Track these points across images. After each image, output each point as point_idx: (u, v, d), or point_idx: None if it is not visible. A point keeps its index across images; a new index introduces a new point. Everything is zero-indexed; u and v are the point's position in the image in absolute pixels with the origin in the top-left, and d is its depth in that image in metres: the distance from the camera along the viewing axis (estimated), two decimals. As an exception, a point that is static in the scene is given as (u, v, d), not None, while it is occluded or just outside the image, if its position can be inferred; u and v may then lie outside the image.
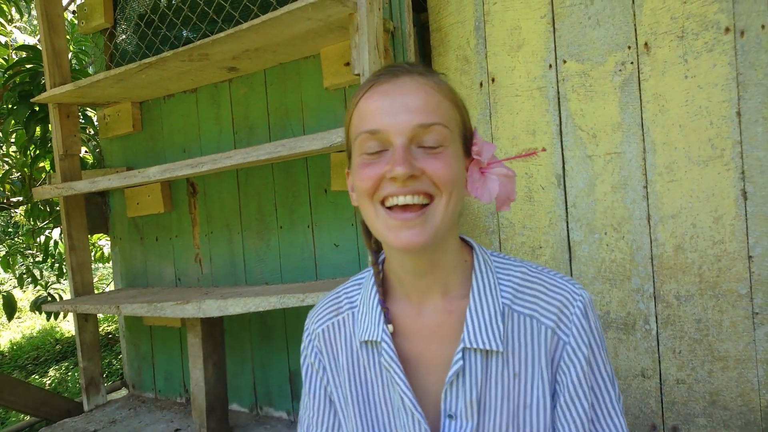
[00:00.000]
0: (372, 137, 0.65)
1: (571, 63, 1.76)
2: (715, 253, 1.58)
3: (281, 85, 2.28)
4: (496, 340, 0.68)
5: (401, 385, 0.69)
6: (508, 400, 0.67)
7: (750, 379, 1.55)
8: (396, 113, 0.64)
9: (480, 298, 0.70)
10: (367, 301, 0.75)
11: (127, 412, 2.64)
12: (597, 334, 0.69)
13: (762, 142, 1.52)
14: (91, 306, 2.32)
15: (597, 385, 0.68)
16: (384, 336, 0.71)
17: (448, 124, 0.66)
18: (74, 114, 2.58)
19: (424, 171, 0.64)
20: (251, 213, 2.42)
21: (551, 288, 0.70)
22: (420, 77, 0.68)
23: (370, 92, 0.67)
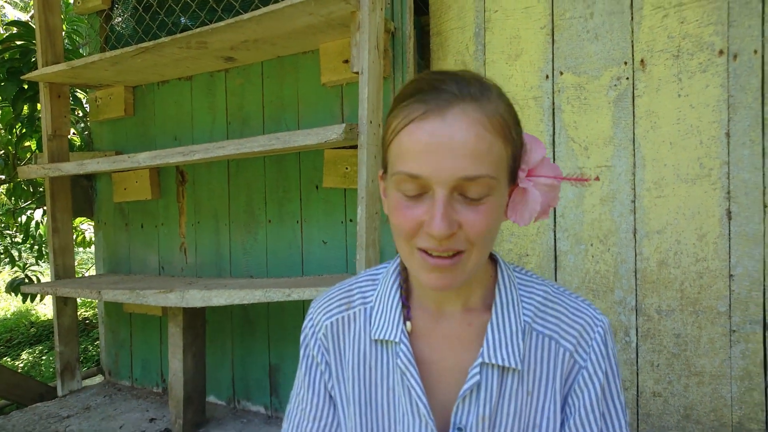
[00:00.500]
0: (412, 181, 0.60)
1: (567, 75, 1.79)
2: (698, 270, 1.61)
3: (278, 78, 2.28)
4: (516, 357, 0.67)
5: (417, 389, 0.68)
6: (519, 418, 0.67)
7: (724, 395, 1.59)
8: (441, 159, 0.57)
9: (502, 313, 0.69)
10: (385, 300, 0.73)
11: (102, 399, 2.61)
12: (614, 361, 0.69)
13: (748, 164, 1.56)
14: (72, 290, 2.29)
15: (609, 413, 0.68)
16: (402, 337, 0.70)
17: (496, 172, 0.60)
18: (65, 94, 2.55)
19: (462, 225, 0.60)
20: (240, 205, 2.41)
21: (573, 311, 0.70)
22: (473, 109, 0.59)
23: (415, 126, 0.59)
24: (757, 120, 1.55)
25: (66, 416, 2.40)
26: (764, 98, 1.54)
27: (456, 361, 0.70)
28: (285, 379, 2.32)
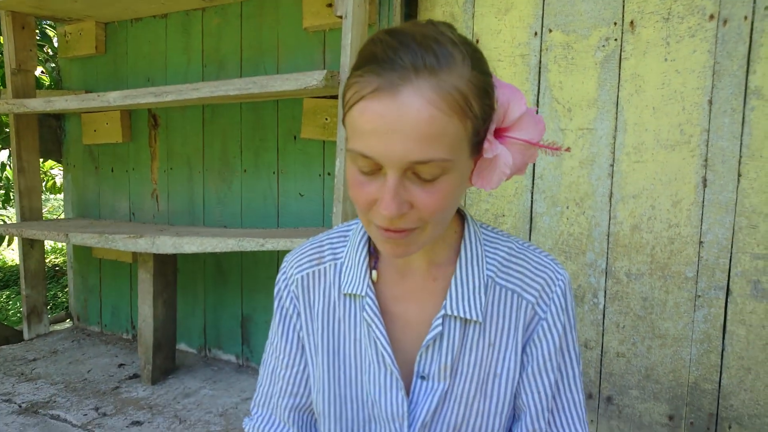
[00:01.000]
0: (364, 158, 0.58)
1: (556, 33, 1.75)
2: (669, 235, 1.64)
3: (257, 19, 2.19)
4: (477, 310, 0.69)
5: (381, 339, 0.70)
6: (480, 367, 0.70)
7: (683, 357, 1.64)
8: (392, 143, 0.55)
9: (466, 268, 0.70)
10: (354, 256, 0.75)
11: (69, 343, 2.59)
12: (571, 314, 0.72)
13: (727, 133, 1.56)
14: (38, 232, 2.23)
15: (564, 362, 0.71)
16: (368, 291, 0.72)
17: (450, 153, 0.57)
18: (30, 26, 2.41)
19: (414, 205, 0.59)
20: (214, 153, 2.35)
21: (536, 265, 0.71)
22: (428, 87, 0.55)
23: (368, 102, 0.56)
24: (740, 88, 1.54)
25: (32, 359, 2.39)
26: (749, 66, 1.53)
27: (420, 313, 0.72)
28: (257, 329, 2.33)
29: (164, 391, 2.11)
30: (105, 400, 2.03)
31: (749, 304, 1.56)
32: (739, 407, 1.59)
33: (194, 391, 2.12)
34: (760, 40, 1.51)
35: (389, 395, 0.70)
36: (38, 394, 2.06)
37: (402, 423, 0.69)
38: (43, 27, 3.39)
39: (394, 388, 0.69)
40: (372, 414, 0.71)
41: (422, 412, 0.69)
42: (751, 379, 1.57)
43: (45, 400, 2.02)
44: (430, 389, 0.69)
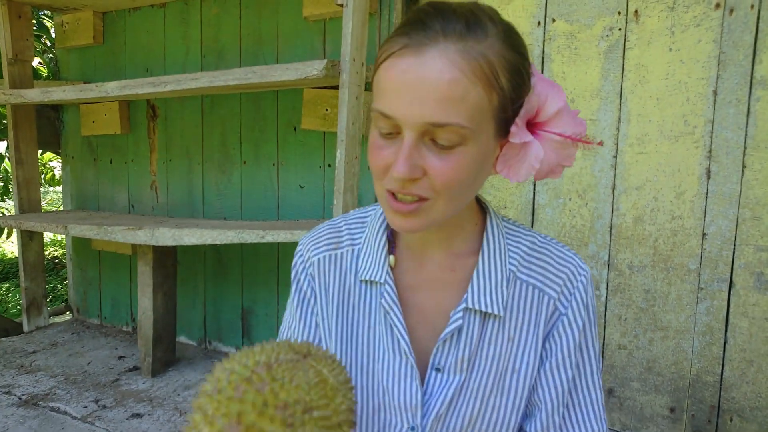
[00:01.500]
0: (384, 119, 0.58)
1: (560, 22, 1.73)
2: (672, 227, 1.62)
3: (257, 9, 2.16)
4: (499, 304, 0.67)
5: (399, 327, 0.68)
6: (498, 362, 0.68)
7: (685, 349, 1.64)
8: (412, 101, 0.55)
9: (489, 261, 0.69)
10: (373, 242, 0.73)
11: (69, 335, 2.59)
12: (592, 310, 0.71)
13: (731, 124, 1.55)
14: (37, 224, 2.22)
15: (582, 359, 0.70)
16: (388, 278, 0.70)
17: (469, 121, 0.56)
18: (26, 15, 2.39)
19: (427, 172, 0.58)
20: (214, 144, 2.34)
21: (558, 260, 0.70)
22: (454, 50, 0.55)
23: (393, 60, 0.57)
24: (746, 78, 1.53)
25: (32, 351, 2.38)
26: (755, 56, 1.51)
27: (437, 303, 0.70)
28: (258, 322, 2.32)
29: (164, 384, 2.10)
30: (105, 392, 2.02)
31: (752, 297, 1.55)
32: (740, 399, 1.58)
33: (194, 383, 2.12)
34: (767, 29, 1.50)
35: (403, 384, 0.68)
36: (38, 386, 2.06)
37: (415, 413, 0.68)
38: (41, 17, 3.36)
39: (409, 377, 0.68)
40: (383, 402, 0.70)
41: (437, 403, 0.67)
42: (753, 371, 1.56)
43: (45, 392, 2.01)
44: (445, 382, 0.68)
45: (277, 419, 0.43)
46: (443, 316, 0.69)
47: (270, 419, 0.43)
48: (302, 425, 0.44)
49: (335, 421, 0.47)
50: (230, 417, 0.43)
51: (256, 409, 0.43)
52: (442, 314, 0.70)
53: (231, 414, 0.43)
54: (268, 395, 0.44)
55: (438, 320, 0.70)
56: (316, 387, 0.47)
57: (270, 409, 0.44)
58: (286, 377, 0.46)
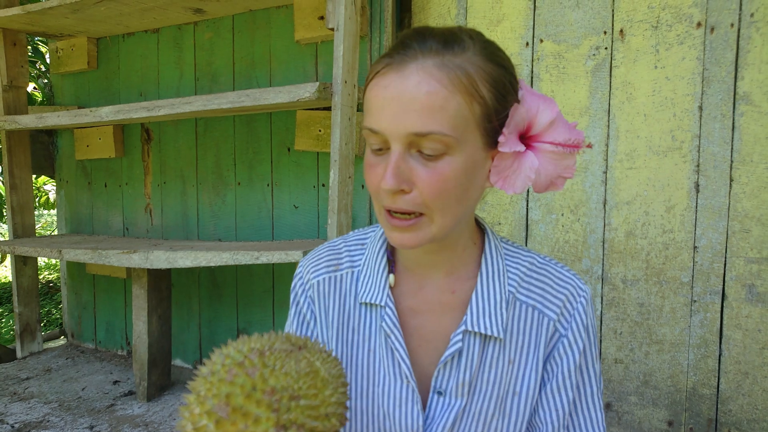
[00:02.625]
0: (373, 135, 0.60)
1: (547, 43, 1.75)
2: (664, 241, 1.63)
3: (249, 33, 2.18)
4: (498, 326, 0.67)
5: (400, 351, 0.67)
6: (499, 385, 0.67)
7: (681, 362, 1.63)
8: (394, 115, 0.57)
9: (487, 283, 0.68)
10: (373, 265, 0.73)
11: (63, 361, 2.54)
12: (592, 331, 0.70)
13: (718, 138, 1.56)
14: (31, 248, 2.20)
15: (582, 380, 0.69)
16: (388, 301, 0.69)
17: (452, 130, 0.57)
18: (21, 42, 2.39)
19: (415, 184, 0.58)
20: (208, 166, 2.33)
21: (558, 281, 0.70)
22: (433, 65, 0.57)
23: (378, 79, 0.60)
24: (729, 94, 1.55)
25: (25, 378, 2.34)
26: (737, 72, 1.54)
27: (438, 326, 0.70)
28: (253, 343, 2.29)
29: (160, 408, 2.06)
30: (100, 418, 1.98)
31: (745, 309, 1.55)
32: (737, 412, 1.57)
33: (190, 406, 2.08)
34: (747, 46, 1.52)
35: (405, 408, 0.67)
36: (31, 413, 2.02)
37: None
38: (36, 43, 3.37)
39: (411, 402, 0.67)
40: (384, 427, 0.68)
41: (438, 428, 0.66)
42: (749, 383, 1.56)
43: (38, 419, 1.97)
44: (447, 405, 0.67)
45: (264, 403, 0.44)
46: (444, 339, 0.69)
47: (257, 402, 0.44)
48: (287, 411, 0.45)
49: (323, 411, 0.48)
50: (219, 398, 0.45)
51: (245, 392, 0.45)
52: (442, 337, 0.69)
53: (220, 395, 0.45)
54: (257, 380, 0.46)
55: (438, 343, 0.69)
56: (306, 377, 0.48)
57: (258, 393, 0.45)
58: (277, 365, 0.48)
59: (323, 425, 0.48)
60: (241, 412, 0.44)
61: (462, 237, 0.69)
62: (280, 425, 0.44)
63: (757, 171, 1.52)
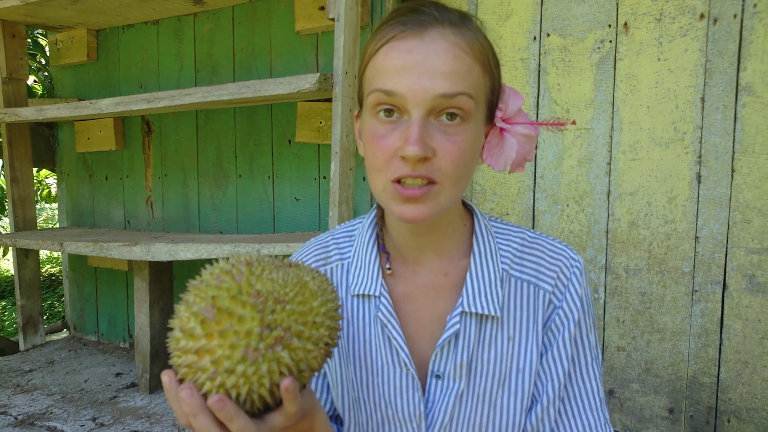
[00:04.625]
0: (387, 98, 0.56)
1: (554, 37, 1.70)
2: (666, 231, 1.59)
3: (250, 24, 2.11)
4: (495, 305, 0.65)
5: (398, 339, 0.65)
6: (500, 363, 0.65)
7: (682, 351, 1.59)
8: (418, 77, 0.54)
9: (480, 262, 0.66)
10: (363, 255, 0.70)
11: (66, 353, 2.48)
12: (587, 300, 0.68)
13: (719, 129, 1.52)
14: (33, 241, 2.13)
15: (577, 351, 0.67)
16: (383, 290, 0.67)
17: (475, 93, 0.56)
18: (21, 34, 2.31)
19: (436, 152, 0.56)
20: (209, 158, 2.27)
21: (551, 253, 0.68)
22: (452, 33, 0.56)
23: (392, 45, 0.56)
24: (731, 85, 1.50)
25: (28, 370, 2.28)
26: (740, 63, 1.49)
27: (432, 310, 0.67)
28: (255, 334, 2.24)
29: (162, 400, 2.01)
30: (102, 410, 1.93)
31: (745, 299, 1.52)
32: (737, 401, 1.54)
33: (193, 397, 2.03)
34: (750, 37, 1.48)
35: (405, 396, 0.65)
36: (34, 405, 1.96)
37: (420, 423, 0.64)
38: (35, 36, 3.28)
39: (411, 389, 0.65)
40: (386, 416, 0.66)
41: (440, 413, 0.64)
42: (748, 372, 1.52)
43: (41, 411, 1.91)
44: (446, 389, 0.65)
45: (249, 304, 0.44)
46: (440, 323, 0.66)
47: (242, 304, 0.44)
48: (272, 313, 0.45)
49: (310, 318, 0.47)
50: (206, 300, 0.45)
51: (230, 294, 0.45)
52: (438, 321, 0.67)
53: (207, 298, 0.45)
54: (243, 284, 0.46)
55: (435, 327, 0.67)
56: (294, 286, 0.48)
57: (243, 295, 0.45)
58: (264, 273, 0.48)
59: (311, 332, 0.47)
60: (227, 312, 0.44)
61: (452, 217, 0.67)
62: (265, 324, 0.44)
63: (759, 162, 1.48)
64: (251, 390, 0.44)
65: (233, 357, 0.43)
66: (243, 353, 0.43)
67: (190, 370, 0.45)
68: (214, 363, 0.43)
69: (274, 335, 0.44)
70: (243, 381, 0.43)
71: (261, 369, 0.44)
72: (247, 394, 0.44)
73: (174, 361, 0.46)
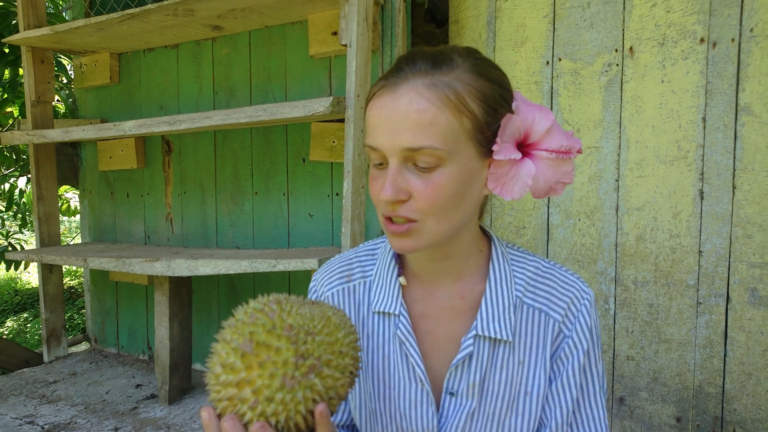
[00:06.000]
0: (373, 152, 0.61)
1: (565, 61, 1.72)
2: (671, 245, 1.59)
3: (266, 48, 2.13)
4: (507, 330, 0.66)
5: (415, 357, 0.67)
6: (510, 385, 0.67)
7: (688, 361, 1.59)
8: (389, 132, 0.58)
9: (496, 288, 0.68)
10: (384, 275, 0.73)
11: (88, 365, 2.47)
12: (596, 331, 0.70)
13: (720, 148, 1.53)
14: (58, 257, 2.13)
15: (586, 380, 0.68)
16: (402, 310, 0.69)
17: (443, 144, 0.57)
18: (48, 60, 2.33)
19: (412, 194, 0.59)
20: (226, 176, 2.28)
21: (562, 284, 0.69)
22: (421, 84, 0.58)
23: (374, 100, 0.61)
24: (731, 105, 1.51)
25: (53, 381, 2.27)
26: (738, 85, 1.50)
27: (448, 330, 0.69)
28: (271, 346, 2.23)
29: (181, 411, 2.00)
30: (124, 420, 1.92)
31: (748, 311, 1.51)
32: (742, 411, 1.53)
33: (212, 408, 2.01)
34: (747, 60, 1.49)
35: (420, 410, 0.67)
36: (59, 415, 1.95)
37: None
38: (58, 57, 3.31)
39: (425, 404, 0.67)
40: (400, 427, 0.68)
41: (452, 428, 0.66)
42: (752, 384, 1.51)
43: (66, 421, 1.90)
44: (459, 405, 0.66)
45: (284, 337, 0.47)
46: (455, 343, 0.68)
47: (277, 337, 0.47)
48: (305, 343, 0.47)
49: (337, 348, 0.49)
50: (244, 336, 0.47)
51: (266, 329, 0.47)
52: (453, 341, 0.68)
53: (245, 334, 0.47)
54: (276, 320, 0.48)
55: (450, 347, 0.68)
56: (321, 320, 0.50)
57: (278, 329, 0.47)
58: (293, 309, 0.50)
59: (338, 361, 0.49)
60: (264, 345, 0.46)
61: (466, 244, 0.68)
62: (299, 354, 0.46)
63: (759, 179, 1.48)
64: (289, 417, 0.45)
65: (272, 386, 0.45)
66: (281, 381, 0.45)
67: (230, 402, 0.46)
68: (254, 393, 0.45)
69: (308, 364, 0.47)
70: (282, 408, 0.45)
71: (297, 396, 0.45)
72: (285, 420, 0.45)
73: (213, 397, 0.47)
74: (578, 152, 0.64)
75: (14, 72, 2.64)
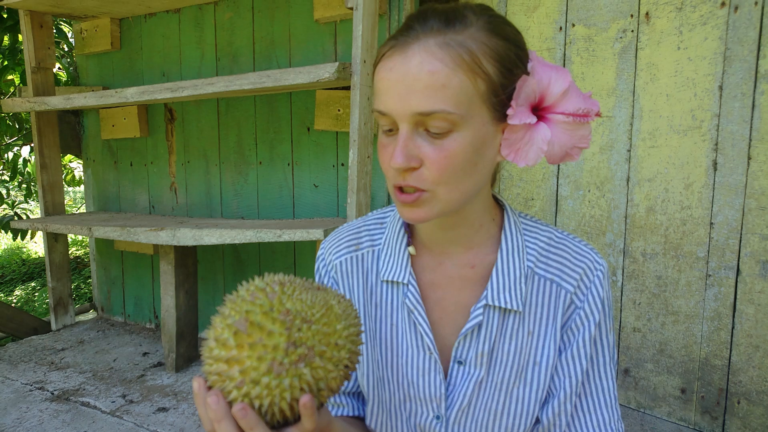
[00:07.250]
0: (382, 116, 0.58)
1: (579, 27, 1.66)
2: (682, 217, 1.56)
3: (269, 12, 2.06)
4: (518, 300, 0.65)
5: (423, 325, 0.67)
6: (519, 355, 0.66)
7: (695, 333, 1.57)
8: (399, 96, 0.55)
9: (507, 258, 0.66)
10: (393, 244, 0.71)
11: (95, 333, 2.50)
12: (608, 304, 0.68)
13: (737, 117, 1.48)
14: (62, 226, 2.12)
15: (596, 351, 0.67)
16: (411, 279, 0.68)
17: (456, 107, 0.54)
18: (48, 24, 2.28)
19: (424, 161, 0.56)
20: (230, 145, 2.24)
21: (575, 255, 0.67)
22: (433, 43, 0.54)
23: (383, 62, 0.57)
24: (750, 73, 1.46)
25: (61, 349, 2.29)
26: (759, 51, 1.44)
27: (458, 299, 0.68)
28: (276, 316, 2.24)
29: (188, 378, 2.02)
30: (131, 387, 1.94)
31: (758, 284, 1.49)
32: (747, 383, 1.52)
33: (218, 376, 2.04)
34: (770, 24, 1.42)
35: (428, 377, 0.67)
36: (68, 382, 1.97)
37: (440, 404, 0.66)
38: (58, 23, 3.24)
39: (433, 371, 0.66)
40: (409, 394, 0.68)
41: (459, 395, 0.66)
42: (759, 356, 1.50)
43: (75, 387, 1.93)
44: (467, 374, 0.66)
45: (278, 321, 0.46)
46: (464, 312, 0.67)
47: (272, 320, 0.46)
48: (299, 330, 0.46)
49: (333, 340, 0.48)
50: (240, 314, 0.46)
51: (263, 310, 0.46)
52: (462, 310, 0.67)
53: (241, 312, 0.46)
54: (275, 302, 0.47)
55: (459, 316, 0.68)
56: (321, 308, 0.49)
57: (274, 312, 0.46)
58: (295, 293, 0.49)
59: (332, 353, 0.48)
60: (258, 326, 0.45)
61: (478, 213, 0.66)
62: (291, 341, 0.45)
63: (776, 149, 1.44)
64: (273, 402, 0.45)
65: (260, 369, 0.44)
66: (269, 366, 0.44)
67: (219, 378, 0.46)
68: (242, 373, 0.45)
69: (298, 352, 0.45)
70: (266, 392, 0.44)
71: (283, 383, 0.45)
72: (269, 405, 0.45)
73: (205, 369, 0.47)
74: (597, 115, 0.61)
75: (14, 38, 2.59)
